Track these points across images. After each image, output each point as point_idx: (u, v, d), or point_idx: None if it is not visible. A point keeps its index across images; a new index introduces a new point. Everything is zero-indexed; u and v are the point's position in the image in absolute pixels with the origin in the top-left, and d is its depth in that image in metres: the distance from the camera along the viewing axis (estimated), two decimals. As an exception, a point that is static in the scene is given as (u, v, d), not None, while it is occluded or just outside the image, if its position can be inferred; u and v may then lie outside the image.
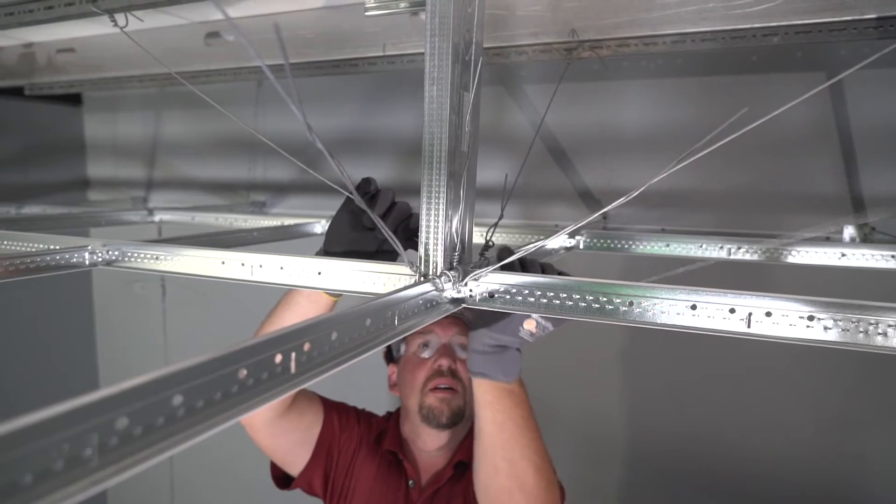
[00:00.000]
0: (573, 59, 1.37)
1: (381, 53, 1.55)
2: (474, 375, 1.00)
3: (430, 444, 1.33)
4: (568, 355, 1.98)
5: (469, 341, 1.00)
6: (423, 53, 1.63)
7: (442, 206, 0.76)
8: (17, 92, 2.32)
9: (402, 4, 0.85)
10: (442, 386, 1.28)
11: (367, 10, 0.88)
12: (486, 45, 0.84)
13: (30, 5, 1.15)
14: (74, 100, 2.84)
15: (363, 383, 1.85)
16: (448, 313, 0.77)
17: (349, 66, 1.66)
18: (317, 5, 1.59)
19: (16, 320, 2.71)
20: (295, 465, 1.35)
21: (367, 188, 0.93)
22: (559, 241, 1.29)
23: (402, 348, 1.40)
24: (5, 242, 1.14)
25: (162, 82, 2.09)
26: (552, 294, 0.75)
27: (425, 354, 1.33)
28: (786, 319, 0.66)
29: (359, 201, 0.66)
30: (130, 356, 3.00)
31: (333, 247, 0.97)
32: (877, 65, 0.67)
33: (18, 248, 1.10)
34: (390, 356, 1.44)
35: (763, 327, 0.66)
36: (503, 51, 1.42)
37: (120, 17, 1.09)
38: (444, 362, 1.29)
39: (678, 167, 0.71)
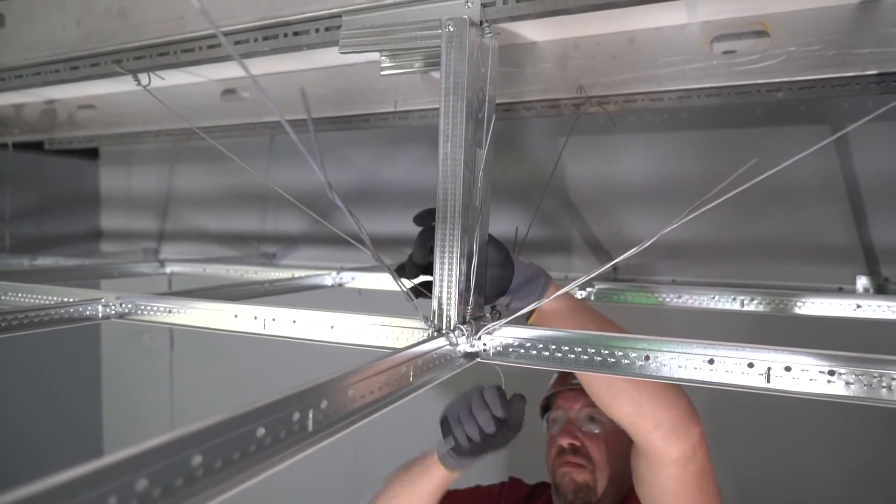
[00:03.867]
0: (581, 115, 1.40)
1: (393, 109, 1.58)
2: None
3: None
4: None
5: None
6: (433, 109, 1.68)
7: (456, 261, 0.77)
8: (36, 146, 2.38)
9: (417, 64, 0.88)
10: (565, 463, 1.24)
11: (382, 69, 0.90)
12: (496, 102, 0.86)
13: (56, 66, 1.19)
14: (91, 154, 2.91)
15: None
16: (462, 368, 0.76)
17: (361, 121, 1.70)
18: (330, 64, 1.64)
19: (22, 370, 2.70)
20: None
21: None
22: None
23: (545, 425, 1.37)
24: (20, 295, 1.15)
25: (178, 137, 2.14)
26: (567, 348, 0.75)
27: (554, 431, 1.30)
28: (806, 374, 0.65)
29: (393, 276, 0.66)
30: (136, 408, 2.97)
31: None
32: (881, 118, 0.68)
33: (33, 301, 1.11)
34: None
35: (783, 382, 0.65)
36: (512, 106, 1.46)
37: (142, 76, 1.13)
38: (564, 441, 1.25)
39: (687, 219, 0.71)
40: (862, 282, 1.57)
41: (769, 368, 0.66)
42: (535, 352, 0.76)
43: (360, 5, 0.88)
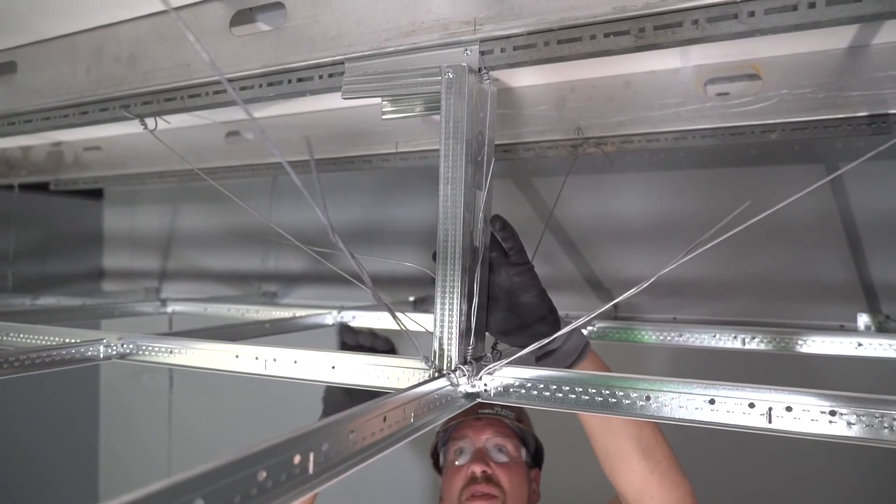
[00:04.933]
0: (579, 155, 1.43)
1: (394, 150, 1.61)
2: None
3: None
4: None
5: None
6: (433, 150, 1.71)
7: (456, 301, 0.77)
8: (41, 187, 2.41)
9: (418, 108, 0.90)
10: (478, 493, 1.21)
11: (384, 113, 0.93)
12: (495, 143, 0.88)
13: (65, 110, 1.22)
14: (96, 194, 2.94)
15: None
16: (463, 409, 0.76)
17: (363, 161, 1.72)
18: (333, 107, 1.68)
19: (19, 409, 2.67)
20: None
21: None
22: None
23: (442, 457, 1.35)
24: (22, 336, 1.15)
25: (182, 178, 2.17)
26: (567, 388, 0.75)
27: (460, 461, 1.28)
28: (807, 414, 0.65)
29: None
30: (133, 449, 2.93)
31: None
32: (874, 158, 0.70)
33: (36, 342, 1.11)
34: (440, 468, 1.38)
35: (784, 422, 0.65)
36: (512, 147, 1.48)
37: (149, 120, 1.16)
38: (477, 468, 1.24)
39: (686, 259, 0.72)
40: (863, 319, 1.57)
41: (770, 409, 0.66)
42: (535, 392, 0.76)
43: (362, 53, 0.91)
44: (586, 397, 0.73)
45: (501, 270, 0.87)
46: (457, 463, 1.28)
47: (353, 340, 1.09)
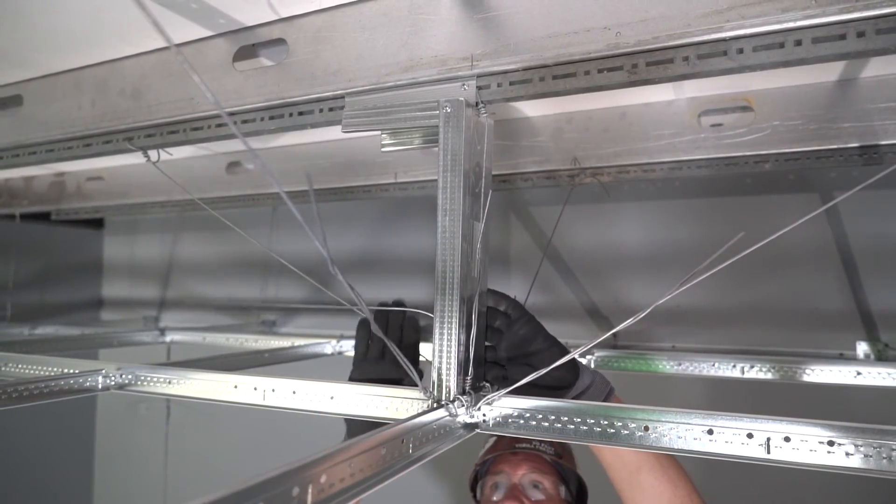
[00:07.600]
0: (576, 185, 1.44)
1: (393, 181, 1.63)
2: None
3: None
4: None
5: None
6: (432, 180, 1.72)
7: (454, 331, 0.78)
8: (43, 217, 2.43)
9: (417, 141, 0.92)
10: None
11: (383, 146, 0.94)
12: (493, 173, 0.90)
13: (69, 143, 1.24)
14: (97, 223, 2.96)
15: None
16: (462, 440, 0.76)
17: (363, 191, 1.74)
18: (333, 138, 1.70)
19: (13, 439, 2.64)
20: None
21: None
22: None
23: (479, 491, 1.34)
24: (20, 366, 1.15)
25: (183, 207, 2.18)
26: (566, 418, 0.75)
27: (496, 497, 1.26)
28: (805, 445, 0.64)
29: (375, 329, 0.68)
30: (128, 481, 2.90)
31: (357, 374, 1.01)
32: (867, 187, 0.71)
33: (34, 373, 1.11)
34: (478, 501, 1.37)
35: (783, 453, 0.65)
36: (509, 177, 1.50)
37: (152, 152, 1.17)
38: None
39: (683, 288, 0.73)
40: (862, 347, 1.57)
41: (769, 439, 0.66)
42: (534, 422, 0.76)
43: (362, 87, 0.93)
44: (585, 427, 0.73)
45: (507, 330, 0.89)
46: (493, 498, 1.26)
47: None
